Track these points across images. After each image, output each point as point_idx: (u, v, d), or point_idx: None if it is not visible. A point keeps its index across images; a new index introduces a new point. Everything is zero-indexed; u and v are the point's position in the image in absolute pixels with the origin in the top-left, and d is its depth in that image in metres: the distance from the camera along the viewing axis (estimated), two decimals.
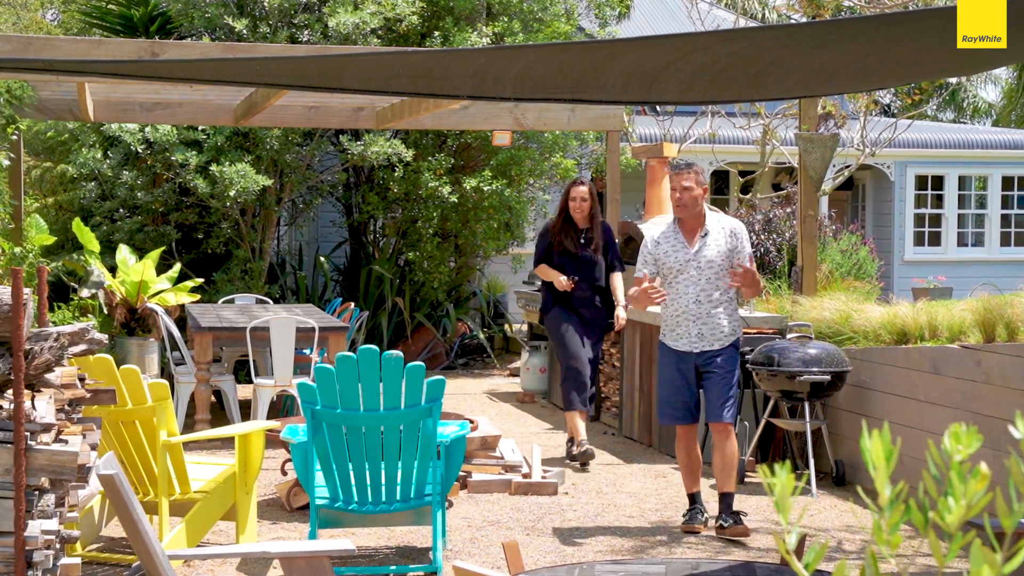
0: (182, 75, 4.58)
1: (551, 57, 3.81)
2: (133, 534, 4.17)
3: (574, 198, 9.31)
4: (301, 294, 15.42)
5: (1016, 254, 21.38)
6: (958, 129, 23.32)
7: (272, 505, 7.94)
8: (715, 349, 7.23)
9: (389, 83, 4.13)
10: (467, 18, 14.78)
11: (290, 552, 4.62)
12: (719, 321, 7.21)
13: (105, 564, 6.66)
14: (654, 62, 3.80)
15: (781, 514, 1.95)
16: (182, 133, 13.85)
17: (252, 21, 14.04)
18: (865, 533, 7.43)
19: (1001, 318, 7.45)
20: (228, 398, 10.51)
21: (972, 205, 21.57)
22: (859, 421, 8.72)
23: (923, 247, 21.17)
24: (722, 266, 7.19)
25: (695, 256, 7.21)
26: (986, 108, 31.33)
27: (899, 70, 4.29)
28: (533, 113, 12.73)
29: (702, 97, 4.78)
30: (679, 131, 15.12)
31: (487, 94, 4.49)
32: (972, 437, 1.84)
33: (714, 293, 7.21)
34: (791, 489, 1.98)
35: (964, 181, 21.45)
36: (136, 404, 6.47)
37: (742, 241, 7.28)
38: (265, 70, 4.00)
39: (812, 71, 4.11)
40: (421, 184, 14.55)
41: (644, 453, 9.80)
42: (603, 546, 7.05)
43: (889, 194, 21.15)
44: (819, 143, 9.10)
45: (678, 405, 7.32)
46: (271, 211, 14.79)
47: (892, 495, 1.81)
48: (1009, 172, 21.41)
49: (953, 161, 21.21)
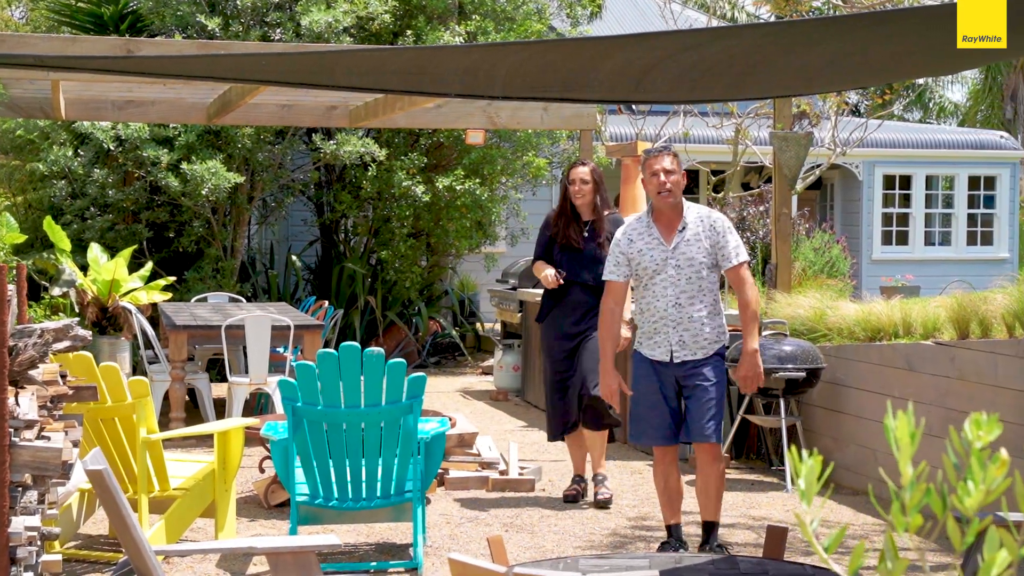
0: (175, 71, 4.57)
1: (541, 55, 3.82)
2: (122, 529, 4.16)
3: (573, 181, 8.03)
4: (273, 293, 15.39)
5: (983, 253, 21.55)
6: (925, 129, 23.48)
7: (250, 503, 7.93)
8: (698, 359, 6.37)
9: (380, 80, 4.13)
10: (439, 17, 14.78)
11: (276, 547, 4.62)
12: (702, 327, 6.36)
13: (84, 561, 6.63)
14: (643, 60, 3.82)
15: (805, 500, 1.97)
16: (153, 131, 13.80)
17: (224, 19, 14.01)
18: (836, 528, 7.47)
19: (975, 315, 7.52)
20: (203, 396, 10.48)
21: (939, 204, 21.73)
22: (833, 418, 8.78)
23: (891, 246, 21.31)
24: (703, 264, 6.36)
25: (673, 254, 6.37)
26: (952, 109, 31.55)
27: (881, 69, 4.32)
28: (507, 112, 12.75)
29: (688, 96, 4.80)
30: (651, 130, 15.17)
31: (476, 92, 4.51)
32: (993, 425, 1.86)
33: (696, 295, 6.36)
34: (819, 473, 2.00)
35: (931, 181, 21.60)
36: (116, 401, 6.46)
37: (723, 235, 6.39)
38: (258, 66, 4.00)
39: (796, 70, 4.14)
40: (394, 183, 14.54)
41: (620, 450, 9.83)
42: (582, 542, 7.08)
43: (857, 193, 21.27)
44: (794, 142, 9.16)
45: (655, 423, 6.42)
46: (243, 209, 14.76)
47: (914, 475, 1.83)
48: (975, 172, 21.58)
49: (920, 161, 21.36)
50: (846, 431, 8.65)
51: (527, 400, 12.20)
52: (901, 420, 1.88)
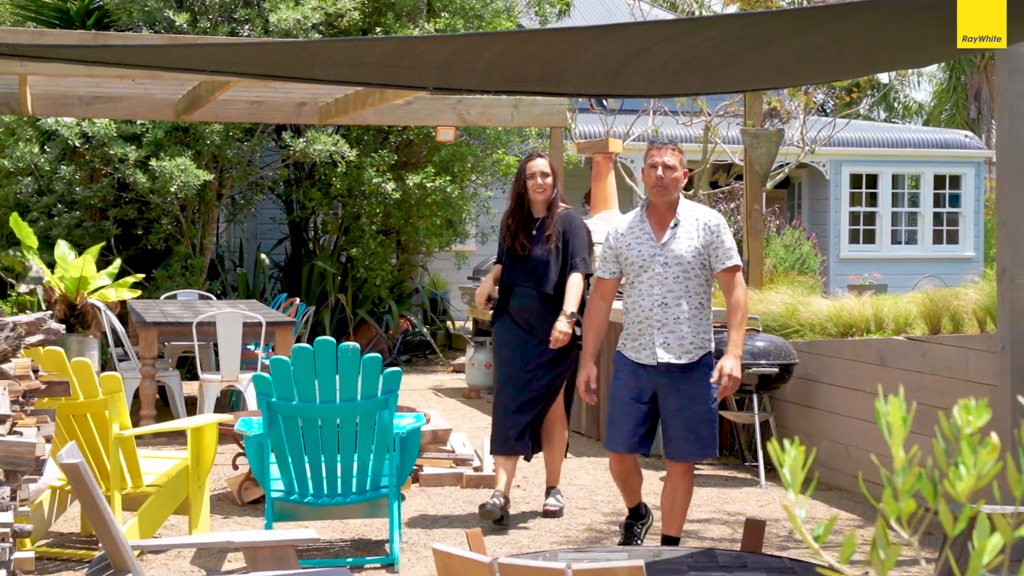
0: (152, 62, 4.53)
1: (520, 46, 3.81)
2: (99, 523, 4.12)
3: (532, 174, 7.20)
4: (242, 291, 15.32)
5: (948, 252, 21.70)
6: (892, 128, 23.62)
7: (223, 500, 7.88)
8: (682, 363, 6.00)
9: (356, 73, 4.09)
10: (408, 14, 14.76)
11: (255, 541, 4.60)
12: (687, 330, 6.00)
13: (56, 559, 6.58)
14: (621, 52, 3.82)
15: (792, 488, 1.97)
16: (121, 127, 13.71)
17: (192, 15, 13.93)
18: (814, 523, 7.50)
19: (947, 310, 7.57)
20: (173, 394, 10.42)
21: (905, 203, 21.86)
22: (806, 413, 8.81)
23: (858, 244, 21.43)
24: (692, 264, 6.00)
25: (661, 250, 6.02)
26: (916, 108, 31.75)
27: (856, 62, 4.34)
28: (477, 109, 12.73)
29: (665, 90, 4.80)
30: (621, 129, 15.19)
31: (453, 85, 4.49)
32: (982, 410, 1.86)
33: (683, 295, 6.01)
34: (802, 463, 2.00)
35: (898, 180, 21.74)
36: (88, 397, 6.40)
37: (719, 236, 6.04)
38: (235, 58, 3.97)
39: (772, 63, 4.15)
40: (364, 180, 14.50)
41: (593, 447, 9.83)
42: (558, 537, 7.07)
43: (824, 192, 21.38)
44: (765, 138, 9.18)
45: (626, 430, 6.08)
46: (212, 207, 14.69)
47: (906, 459, 1.84)
48: (941, 171, 21.72)
49: (887, 160, 21.49)
50: (818, 426, 8.68)
51: None
52: (893, 404, 1.88)
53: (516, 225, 7.31)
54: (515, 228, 7.30)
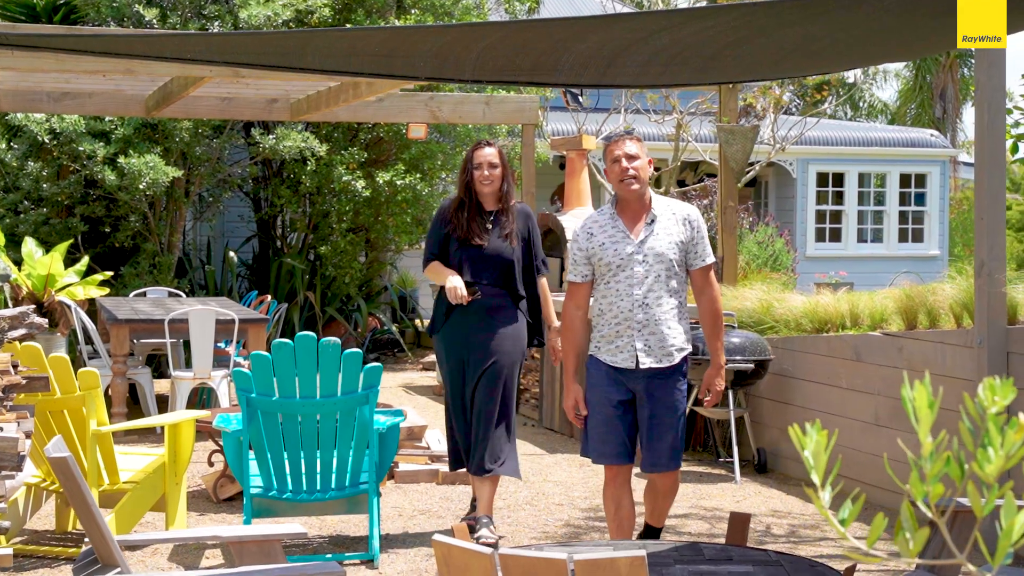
0: (142, 51, 4.48)
1: (517, 34, 3.80)
2: (87, 518, 4.08)
3: (479, 164, 6.60)
4: (210, 288, 15.24)
5: (914, 250, 21.83)
6: (858, 127, 23.75)
7: (197, 497, 7.83)
8: (662, 367, 5.62)
9: (350, 63, 4.06)
10: (379, 11, 14.72)
11: (241, 536, 4.56)
12: (669, 331, 5.62)
13: (32, 556, 6.51)
14: (616, 42, 3.81)
15: (815, 471, 1.97)
16: (89, 124, 13.60)
17: (161, 11, 13.83)
18: (792, 517, 7.53)
19: (923, 306, 7.60)
20: (145, 391, 10.34)
21: (871, 202, 21.97)
22: (781, 409, 8.84)
23: (824, 243, 21.53)
24: (674, 261, 5.61)
25: (640, 248, 5.61)
26: (882, 107, 31.93)
27: (854, 52, 4.34)
28: (449, 106, 12.71)
29: (656, 80, 4.79)
30: (592, 127, 15.20)
31: (446, 76, 4.46)
32: (1007, 389, 1.86)
33: (664, 295, 5.62)
34: (824, 445, 1.99)
35: (864, 178, 21.86)
36: (65, 393, 6.34)
37: (699, 231, 5.68)
38: (228, 47, 3.93)
39: (768, 53, 4.15)
40: (333, 178, 14.45)
41: (565, 444, 9.83)
42: (537, 532, 7.06)
43: (791, 191, 21.47)
44: (740, 135, 9.20)
45: (608, 440, 5.69)
46: (180, 204, 14.59)
47: (933, 445, 1.83)
48: (907, 170, 21.85)
49: (853, 159, 21.60)
50: (793, 422, 8.69)
51: None
52: (920, 390, 1.87)
53: (468, 218, 6.62)
54: (467, 221, 6.61)
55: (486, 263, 6.60)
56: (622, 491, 5.73)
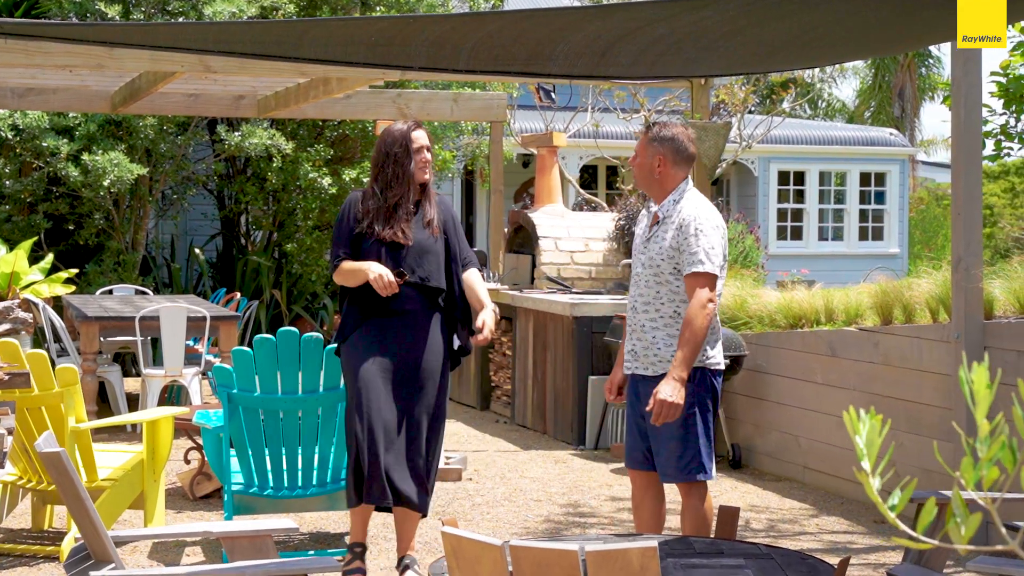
0: (138, 40, 4.43)
1: (516, 24, 3.79)
2: (80, 514, 4.04)
3: (419, 148, 5.70)
4: (176, 286, 15.13)
5: (874, 248, 21.99)
6: (819, 126, 23.90)
7: (173, 495, 7.77)
8: (648, 376, 5.34)
9: (347, 52, 4.03)
10: (343, 8, 14.66)
11: (233, 531, 4.53)
12: (654, 339, 5.33)
13: (9, 555, 6.44)
14: (614, 31, 3.81)
15: (868, 458, 1.96)
16: (53, 120, 13.47)
17: (125, 7, 13.71)
18: (770, 512, 7.56)
19: (898, 301, 7.65)
20: (115, 389, 10.26)
21: (832, 200, 22.11)
22: (755, 405, 8.87)
23: (786, 241, 21.65)
24: (662, 268, 5.31)
25: (644, 249, 5.41)
26: (840, 106, 32.15)
27: (844, 45, 4.37)
28: (417, 103, 12.69)
29: (647, 72, 4.79)
30: (559, 125, 15.21)
31: (440, 65, 4.43)
32: None
33: (652, 300, 5.36)
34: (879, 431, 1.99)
35: (824, 177, 22.00)
36: (43, 390, 6.28)
37: (687, 236, 5.24)
38: (221, 36, 3.90)
39: (761, 45, 4.16)
40: (300, 175, 14.38)
41: (539, 440, 9.83)
42: (518, 528, 7.06)
43: (753, 189, 21.58)
44: (712, 131, 9.23)
45: (629, 444, 5.54)
46: (145, 202, 14.48)
47: (990, 428, 1.84)
48: (866, 168, 22.01)
49: (814, 157, 21.74)
50: (768, 418, 8.74)
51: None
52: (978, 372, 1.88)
53: (391, 208, 5.76)
54: (390, 211, 5.76)
55: (410, 258, 5.78)
56: (644, 495, 5.51)
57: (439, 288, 5.82)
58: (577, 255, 10.66)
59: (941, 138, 32.51)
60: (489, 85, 14.44)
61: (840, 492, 8.00)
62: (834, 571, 4.32)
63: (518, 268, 11.00)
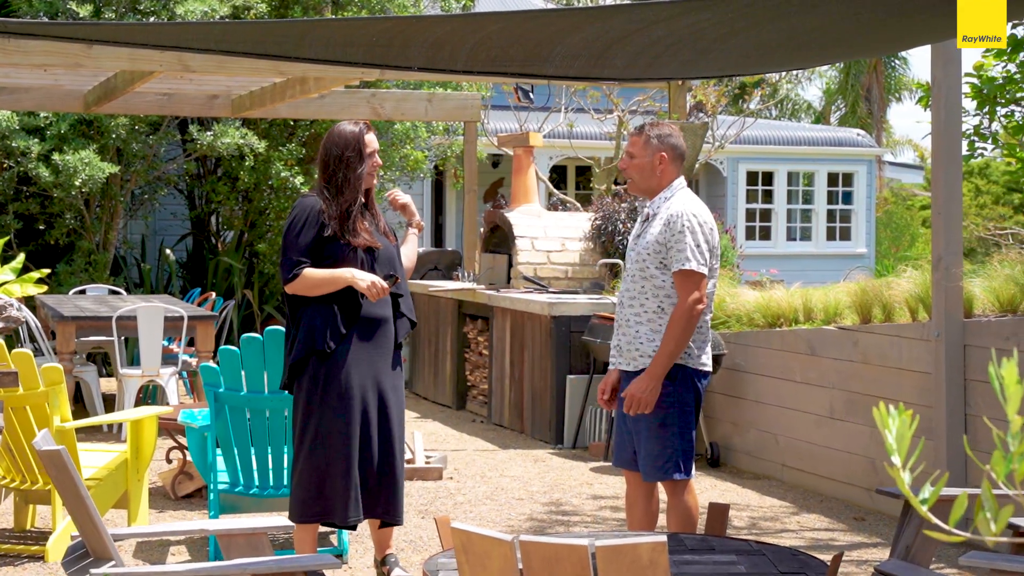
0: (142, 40, 4.43)
1: (517, 26, 3.81)
2: (79, 510, 4.04)
3: (372, 152, 5.52)
4: (147, 286, 15.07)
5: (841, 248, 22.13)
6: (787, 127, 24.04)
7: (155, 494, 7.75)
8: (630, 371, 5.32)
9: (347, 52, 4.04)
10: (315, 7, 14.64)
11: (228, 529, 4.53)
12: (636, 335, 5.30)
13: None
14: (612, 33, 3.84)
15: (898, 453, 1.99)
16: (23, 120, 13.39)
17: (95, 7, 13.65)
18: (751, 510, 7.61)
19: (878, 300, 7.71)
20: (91, 390, 10.21)
21: (800, 200, 22.25)
22: (734, 404, 8.92)
23: (755, 241, 21.76)
24: (648, 264, 5.29)
25: (635, 245, 5.41)
26: (806, 106, 32.34)
27: (839, 45, 4.41)
28: (391, 103, 12.70)
29: (642, 74, 4.81)
30: (533, 125, 15.24)
31: (438, 67, 4.45)
32: None
33: (637, 296, 5.34)
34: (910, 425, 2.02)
35: (792, 177, 22.12)
36: (28, 389, 6.25)
37: (675, 234, 5.21)
38: (224, 35, 3.90)
39: (757, 46, 4.20)
40: (271, 174, 14.36)
41: (517, 439, 9.86)
42: (503, 527, 7.08)
43: (722, 189, 21.68)
44: (690, 132, 9.28)
45: (616, 442, 5.55)
46: (116, 202, 14.42)
47: (1021, 423, 1.87)
48: (834, 169, 22.16)
49: (782, 158, 21.86)
50: (747, 417, 8.80)
51: (415, 392, 12.14)
52: (1008, 367, 1.91)
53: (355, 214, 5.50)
54: (352, 218, 5.49)
55: (379, 267, 5.57)
56: (635, 495, 5.51)
57: (399, 293, 5.69)
58: (554, 255, 10.69)
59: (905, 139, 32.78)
60: (461, 85, 14.46)
61: (819, 490, 8.06)
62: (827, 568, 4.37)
63: (494, 268, 11.02)
